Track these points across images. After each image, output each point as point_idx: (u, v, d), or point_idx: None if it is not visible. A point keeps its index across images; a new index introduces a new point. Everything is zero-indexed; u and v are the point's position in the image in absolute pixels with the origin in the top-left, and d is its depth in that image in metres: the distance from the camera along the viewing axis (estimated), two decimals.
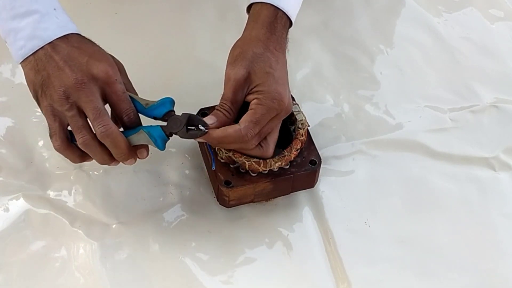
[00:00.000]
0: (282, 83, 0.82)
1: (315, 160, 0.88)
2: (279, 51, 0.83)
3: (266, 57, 0.82)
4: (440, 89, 1.05)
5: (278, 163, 0.86)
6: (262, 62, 0.81)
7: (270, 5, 0.83)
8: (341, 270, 0.86)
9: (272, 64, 0.82)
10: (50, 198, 0.89)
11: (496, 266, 0.87)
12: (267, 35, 0.82)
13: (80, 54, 0.78)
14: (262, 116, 0.80)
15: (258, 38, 0.82)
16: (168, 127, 0.81)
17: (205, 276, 0.84)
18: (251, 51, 0.82)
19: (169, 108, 0.82)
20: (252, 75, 0.81)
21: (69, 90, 0.77)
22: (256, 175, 0.86)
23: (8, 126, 0.96)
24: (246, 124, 0.80)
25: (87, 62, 0.78)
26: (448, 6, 1.15)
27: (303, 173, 0.88)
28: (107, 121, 0.78)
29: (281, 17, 0.84)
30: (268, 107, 0.80)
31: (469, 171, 0.96)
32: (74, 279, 0.83)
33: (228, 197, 0.87)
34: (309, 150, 0.89)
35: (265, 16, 0.83)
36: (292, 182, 0.88)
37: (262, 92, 0.81)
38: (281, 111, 0.82)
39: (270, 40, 0.82)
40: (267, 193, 0.88)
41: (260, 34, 0.82)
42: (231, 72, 0.82)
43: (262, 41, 0.82)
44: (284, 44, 0.85)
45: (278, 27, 0.83)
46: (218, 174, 0.86)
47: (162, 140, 0.81)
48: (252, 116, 0.80)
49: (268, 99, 0.80)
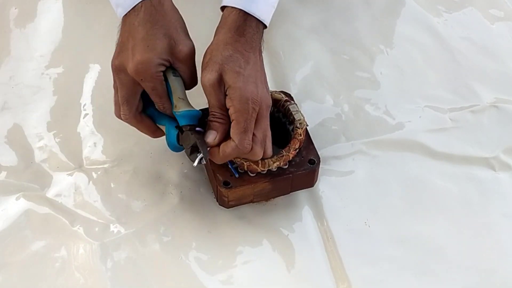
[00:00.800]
0: (253, 81, 0.81)
1: (314, 159, 0.88)
2: (249, 51, 0.83)
3: (235, 58, 0.81)
4: (440, 89, 1.05)
5: (276, 163, 0.86)
6: (232, 63, 0.81)
7: (238, 10, 0.83)
8: (341, 270, 0.86)
9: (242, 64, 0.81)
10: (50, 198, 0.89)
11: (496, 266, 0.87)
12: (234, 38, 0.82)
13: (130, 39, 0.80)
14: (245, 122, 0.80)
15: (226, 41, 0.82)
16: (181, 139, 0.83)
17: (205, 276, 0.84)
18: (219, 54, 0.81)
19: (188, 122, 0.82)
20: (224, 76, 0.81)
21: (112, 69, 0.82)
22: (255, 176, 0.86)
23: (8, 126, 0.96)
24: (238, 138, 0.80)
25: (127, 52, 0.80)
26: (448, 6, 1.15)
27: (302, 173, 0.88)
28: (128, 110, 0.82)
29: (251, 20, 0.83)
30: (246, 110, 0.80)
31: (469, 171, 0.96)
32: (74, 279, 0.83)
33: (227, 198, 0.87)
34: (308, 150, 0.89)
35: (232, 20, 0.83)
36: (291, 181, 0.88)
37: (234, 95, 0.80)
38: (260, 109, 0.81)
39: (239, 42, 0.82)
40: (266, 193, 0.88)
41: (227, 38, 0.82)
42: (204, 79, 0.81)
43: (230, 44, 0.82)
44: (256, 45, 0.84)
45: (247, 29, 0.83)
46: (217, 175, 0.86)
47: (174, 146, 0.84)
48: (237, 126, 0.80)
49: (242, 102, 0.80)
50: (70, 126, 0.96)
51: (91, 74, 1.02)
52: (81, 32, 1.07)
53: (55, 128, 0.96)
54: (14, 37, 1.06)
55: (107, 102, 0.91)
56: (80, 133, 0.96)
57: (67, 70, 1.03)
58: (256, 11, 0.83)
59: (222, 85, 0.81)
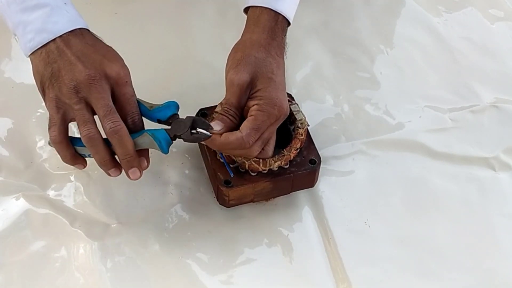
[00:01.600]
0: (282, 89, 0.83)
1: (315, 159, 0.88)
2: (279, 56, 0.84)
3: (268, 62, 0.82)
4: (440, 89, 1.05)
5: (277, 162, 0.86)
6: (264, 68, 0.82)
7: (269, 9, 0.83)
8: (341, 270, 0.86)
9: (274, 70, 0.82)
10: (50, 198, 0.89)
11: (496, 266, 0.87)
12: (268, 40, 0.83)
13: (94, 52, 0.79)
14: (263, 122, 0.80)
15: (260, 43, 0.83)
16: (172, 130, 0.81)
17: (205, 276, 0.84)
18: (253, 56, 0.82)
19: (173, 111, 0.82)
20: (255, 81, 0.81)
21: (80, 85, 0.77)
22: (256, 175, 0.86)
23: (8, 126, 0.96)
24: (248, 132, 0.80)
25: (101, 60, 0.78)
26: (448, 6, 1.15)
27: (303, 173, 0.88)
28: (117, 118, 0.78)
29: (281, 21, 0.84)
30: (269, 114, 0.81)
31: (469, 171, 0.96)
32: (74, 279, 0.83)
33: (228, 197, 0.87)
34: (309, 150, 0.89)
35: (266, 20, 0.83)
36: (292, 181, 0.88)
37: (263, 98, 0.81)
38: (280, 117, 0.83)
39: (271, 45, 0.83)
40: (267, 193, 0.88)
41: (261, 39, 0.83)
42: (234, 77, 0.82)
43: (263, 46, 0.83)
44: (283, 49, 0.85)
45: (278, 31, 0.84)
46: (218, 174, 0.86)
47: (167, 142, 0.81)
48: (253, 123, 0.80)
49: (269, 105, 0.81)
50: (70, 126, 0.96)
51: None
52: None
53: None
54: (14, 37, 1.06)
55: None
56: None
57: None
58: (285, 10, 0.84)
59: (249, 88, 0.82)
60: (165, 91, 0.96)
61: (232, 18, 1.09)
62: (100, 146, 0.79)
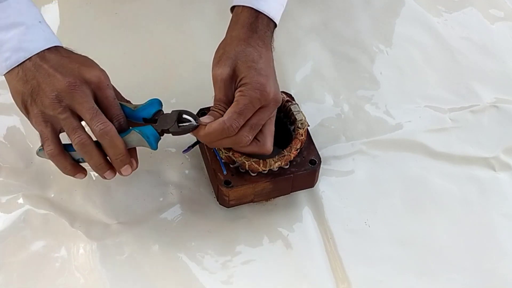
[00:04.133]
0: (265, 75, 0.82)
1: (315, 159, 0.88)
2: (261, 46, 0.84)
3: (248, 52, 0.82)
4: (440, 89, 1.05)
5: (277, 162, 0.86)
6: (244, 57, 0.82)
7: (250, 8, 0.84)
8: (341, 270, 0.86)
9: (254, 58, 0.82)
10: (50, 198, 0.89)
11: (496, 266, 0.87)
12: (248, 34, 0.83)
13: (71, 62, 0.79)
14: (245, 106, 0.80)
15: (239, 37, 0.83)
16: (159, 125, 0.82)
17: (205, 276, 0.84)
18: (233, 50, 0.83)
19: (157, 108, 0.82)
20: (236, 71, 0.82)
21: (62, 94, 0.77)
22: (256, 175, 0.86)
23: (8, 126, 0.96)
24: (229, 115, 0.80)
25: (78, 68, 0.79)
26: (448, 6, 1.15)
27: (303, 173, 0.88)
28: (105, 119, 0.78)
29: (262, 18, 0.85)
30: (250, 97, 0.80)
31: (469, 171, 0.96)
32: (74, 279, 0.83)
33: (228, 197, 0.87)
34: (309, 150, 0.89)
35: (245, 17, 0.84)
36: (292, 182, 0.88)
37: (245, 84, 0.81)
38: (266, 102, 0.82)
39: (252, 38, 0.83)
40: (267, 193, 0.88)
41: (240, 34, 0.83)
42: (216, 72, 0.82)
43: (243, 40, 0.83)
44: (267, 41, 0.85)
45: (259, 26, 0.84)
46: (218, 174, 0.86)
47: (155, 138, 0.81)
48: (235, 107, 0.80)
49: (250, 89, 0.80)
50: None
51: None
52: (81, 32, 1.07)
53: None
54: None
55: None
56: None
57: None
58: (267, 9, 0.84)
59: (234, 81, 0.82)
60: (165, 91, 0.96)
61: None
62: (93, 151, 0.79)
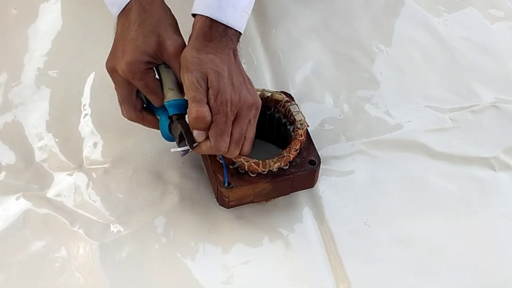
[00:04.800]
0: (230, 83, 0.81)
1: (315, 160, 0.88)
2: (220, 52, 0.82)
3: (210, 58, 0.81)
4: (440, 89, 1.05)
5: (277, 163, 0.86)
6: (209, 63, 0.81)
7: (205, 17, 0.83)
8: (341, 270, 0.86)
9: (218, 64, 0.81)
10: (50, 198, 0.89)
11: (496, 266, 0.87)
12: (203, 43, 0.82)
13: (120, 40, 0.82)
14: (224, 124, 0.80)
15: (196, 47, 0.82)
16: (171, 129, 0.84)
17: (205, 276, 0.84)
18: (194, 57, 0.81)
19: (175, 111, 0.83)
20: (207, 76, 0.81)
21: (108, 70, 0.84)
22: (256, 176, 0.86)
23: (8, 127, 0.96)
24: (214, 140, 0.81)
25: (118, 52, 0.82)
26: (448, 6, 1.15)
27: (303, 173, 0.88)
28: (128, 110, 0.85)
29: (216, 26, 0.83)
30: (224, 113, 0.80)
31: (469, 171, 0.96)
32: (74, 279, 0.83)
33: (228, 198, 0.87)
34: (309, 150, 0.89)
35: (199, 27, 0.83)
36: (291, 182, 0.88)
37: (213, 97, 0.80)
38: (240, 110, 0.82)
39: (208, 47, 0.82)
40: (266, 194, 0.88)
41: (196, 44, 0.82)
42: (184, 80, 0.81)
43: (200, 49, 0.82)
44: (225, 48, 0.83)
45: (213, 35, 0.82)
46: (218, 175, 0.86)
47: (166, 135, 0.85)
48: (215, 129, 0.80)
49: (219, 105, 0.80)
50: (70, 126, 0.96)
51: (91, 74, 1.02)
52: (81, 32, 1.07)
53: (55, 128, 0.96)
54: (14, 37, 1.06)
55: (107, 102, 0.91)
56: (80, 133, 0.96)
57: (67, 70, 1.03)
58: (223, 18, 0.83)
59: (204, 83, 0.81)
60: None
61: None
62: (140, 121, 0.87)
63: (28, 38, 1.06)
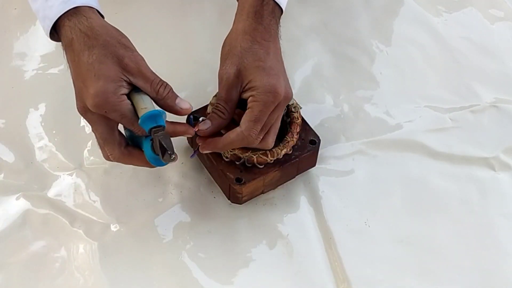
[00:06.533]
0: (275, 74, 0.81)
1: (314, 139, 0.89)
2: (268, 40, 0.82)
3: (254, 50, 0.81)
4: (440, 89, 1.05)
5: (284, 150, 0.86)
6: (251, 57, 0.80)
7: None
8: (341, 270, 0.86)
9: (261, 57, 0.80)
10: (50, 198, 0.89)
11: (496, 266, 0.87)
12: (253, 26, 0.81)
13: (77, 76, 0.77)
14: (260, 112, 0.80)
15: (245, 31, 0.81)
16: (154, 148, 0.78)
17: (205, 276, 0.84)
18: (238, 46, 0.81)
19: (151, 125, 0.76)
20: (243, 72, 0.80)
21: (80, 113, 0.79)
22: (263, 167, 0.86)
23: (8, 126, 0.96)
24: (247, 125, 0.80)
25: (81, 90, 0.77)
26: (448, 6, 1.15)
27: (307, 155, 0.89)
28: (111, 149, 0.80)
29: (267, 3, 0.82)
30: (264, 102, 0.79)
31: (469, 171, 0.96)
32: (74, 279, 0.83)
33: (242, 194, 0.87)
34: (306, 131, 0.90)
35: (250, 5, 0.82)
36: (297, 165, 0.89)
37: (255, 88, 0.80)
38: (279, 102, 0.81)
39: (257, 31, 0.81)
40: (275, 182, 0.89)
41: (246, 26, 0.81)
42: (222, 72, 0.81)
43: (248, 34, 0.81)
44: (274, 32, 0.83)
45: (264, 14, 0.82)
46: (227, 174, 0.86)
47: (153, 159, 0.79)
48: (251, 114, 0.80)
49: (262, 94, 0.79)
50: (70, 126, 0.96)
51: None
52: None
53: (55, 128, 0.96)
54: (14, 37, 1.06)
55: None
56: (80, 133, 0.96)
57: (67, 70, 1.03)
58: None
59: (240, 81, 0.81)
60: None
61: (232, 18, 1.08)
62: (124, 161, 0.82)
63: (28, 38, 1.06)
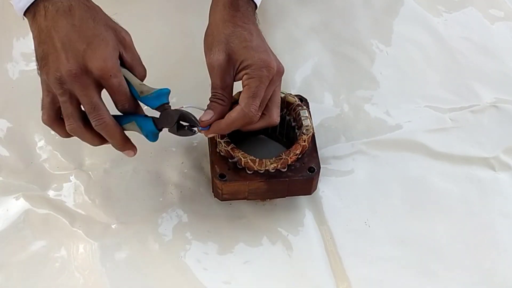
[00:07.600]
0: (263, 50, 0.82)
1: (314, 167, 0.87)
2: (248, 23, 0.83)
3: (238, 33, 0.82)
4: (440, 89, 1.05)
5: (274, 164, 0.85)
6: (237, 39, 0.81)
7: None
8: (341, 270, 0.86)
9: (247, 37, 0.82)
10: (50, 198, 0.89)
11: (496, 266, 0.87)
12: (231, 14, 0.82)
13: (79, 38, 0.76)
14: (257, 88, 0.80)
15: (224, 19, 0.83)
16: (160, 122, 0.81)
17: (205, 276, 0.84)
18: (222, 33, 0.82)
19: (163, 101, 0.80)
20: (232, 55, 0.81)
21: (64, 78, 0.76)
22: (252, 173, 0.86)
23: (8, 127, 0.96)
24: (246, 101, 0.80)
25: (84, 51, 0.76)
26: (448, 6, 1.15)
27: (299, 179, 0.87)
28: (102, 115, 0.78)
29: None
30: (259, 77, 0.80)
31: (469, 171, 0.96)
32: (74, 279, 0.83)
33: (221, 191, 0.87)
34: (311, 157, 0.88)
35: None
36: (287, 185, 0.88)
37: (248, 66, 0.80)
38: (273, 76, 0.81)
39: (236, 17, 0.82)
40: (261, 193, 0.88)
41: (224, 15, 0.83)
42: (211, 60, 0.82)
43: (228, 21, 0.82)
44: (251, 17, 0.84)
45: (240, 4, 0.83)
46: (215, 166, 0.86)
47: (153, 134, 0.81)
48: (248, 91, 0.80)
49: (256, 69, 0.80)
50: None
51: None
52: None
53: None
54: (14, 37, 1.06)
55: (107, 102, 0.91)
56: None
57: None
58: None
59: (231, 65, 0.81)
60: None
61: None
62: (85, 135, 0.80)
63: (29, 38, 1.06)
